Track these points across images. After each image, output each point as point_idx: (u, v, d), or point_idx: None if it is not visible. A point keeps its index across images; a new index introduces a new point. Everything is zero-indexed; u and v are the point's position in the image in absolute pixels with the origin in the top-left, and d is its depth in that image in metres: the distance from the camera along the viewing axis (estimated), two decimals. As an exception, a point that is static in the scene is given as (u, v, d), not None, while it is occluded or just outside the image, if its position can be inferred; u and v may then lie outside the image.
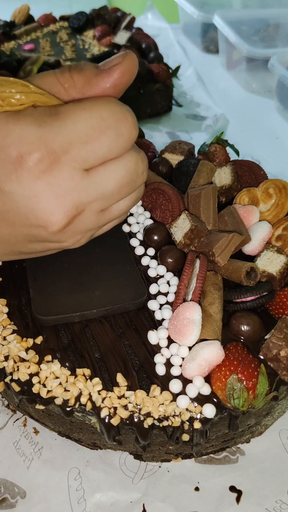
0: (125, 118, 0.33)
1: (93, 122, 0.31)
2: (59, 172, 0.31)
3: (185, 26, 1.30)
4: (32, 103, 0.32)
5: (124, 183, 0.34)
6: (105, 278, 0.46)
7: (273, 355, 0.40)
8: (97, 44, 1.04)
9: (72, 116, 0.31)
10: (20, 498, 0.41)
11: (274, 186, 0.51)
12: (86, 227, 0.35)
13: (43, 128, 0.30)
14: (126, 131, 0.33)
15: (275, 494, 0.42)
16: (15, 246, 0.35)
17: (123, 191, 0.35)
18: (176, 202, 0.51)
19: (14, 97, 0.31)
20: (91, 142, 0.31)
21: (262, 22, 1.11)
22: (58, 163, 0.31)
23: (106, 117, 0.32)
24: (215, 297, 0.43)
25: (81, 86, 0.33)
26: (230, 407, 0.38)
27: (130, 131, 0.33)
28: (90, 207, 0.34)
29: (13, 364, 0.41)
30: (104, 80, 0.33)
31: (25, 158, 0.30)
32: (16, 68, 0.86)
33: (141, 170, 0.35)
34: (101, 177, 0.33)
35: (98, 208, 0.34)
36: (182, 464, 0.44)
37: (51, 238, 0.34)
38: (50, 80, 0.34)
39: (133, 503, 0.41)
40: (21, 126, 0.30)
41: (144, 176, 0.36)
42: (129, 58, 0.34)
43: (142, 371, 0.40)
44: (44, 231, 0.33)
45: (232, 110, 0.97)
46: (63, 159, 0.31)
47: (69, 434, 0.44)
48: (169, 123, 0.94)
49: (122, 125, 0.32)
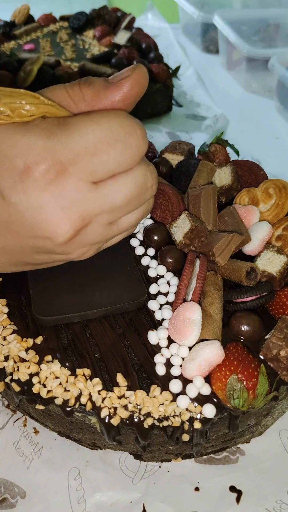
0: (134, 131, 0.32)
1: (101, 134, 0.31)
2: (66, 184, 0.31)
3: (185, 26, 1.30)
4: (42, 114, 0.32)
5: (133, 196, 0.34)
6: (105, 278, 0.46)
7: (273, 355, 0.40)
8: (97, 44, 1.04)
9: (80, 128, 0.31)
10: (20, 498, 0.41)
11: (274, 186, 0.51)
12: (93, 239, 0.35)
13: (50, 140, 0.30)
14: (135, 144, 0.32)
15: (275, 494, 0.42)
16: (21, 257, 0.35)
17: (132, 204, 0.35)
18: (176, 202, 0.51)
19: (24, 108, 0.31)
20: (99, 154, 0.31)
21: (262, 22, 1.11)
22: (65, 174, 0.31)
23: (114, 130, 0.32)
24: (215, 297, 0.43)
25: (90, 99, 0.33)
26: (230, 407, 0.38)
27: (139, 144, 0.33)
28: (98, 220, 0.33)
29: (13, 364, 0.41)
30: (113, 94, 0.33)
31: (32, 169, 0.30)
32: (16, 68, 0.86)
33: (150, 184, 0.35)
34: (110, 190, 0.33)
35: (105, 221, 0.34)
36: (182, 464, 0.44)
37: (57, 249, 0.34)
38: (60, 93, 0.34)
39: (133, 503, 0.41)
40: (29, 137, 0.30)
41: (153, 190, 0.36)
42: (138, 71, 0.34)
43: (142, 371, 0.40)
44: (50, 242, 0.33)
45: (232, 110, 0.97)
46: (70, 171, 0.31)
47: (69, 434, 0.44)
48: (169, 123, 0.94)
49: (131, 138, 0.32)
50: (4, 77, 0.84)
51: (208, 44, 1.22)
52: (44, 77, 0.86)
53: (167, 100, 0.96)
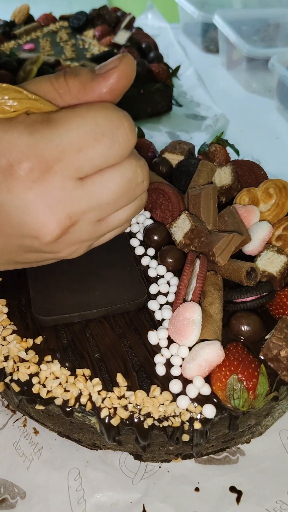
0: (121, 124, 0.31)
1: (87, 129, 0.30)
2: (51, 182, 0.30)
3: (185, 26, 1.30)
4: (26, 109, 0.31)
5: (122, 192, 0.33)
6: (105, 278, 0.46)
7: (273, 355, 0.40)
8: (97, 44, 1.04)
9: (65, 123, 0.30)
10: (20, 498, 0.41)
11: (274, 186, 0.51)
12: (81, 237, 0.34)
13: (34, 136, 0.29)
14: (122, 138, 0.31)
15: (275, 495, 0.42)
16: (11, 256, 0.35)
17: (121, 201, 0.34)
18: (176, 202, 0.51)
19: (6, 104, 0.30)
20: (85, 150, 0.30)
21: (262, 22, 1.11)
22: (49, 172, 0.30)
23: (100, 124, 0.31)
24: (215, 297, 0.43)
25: (77, 91, 0.32)
26: (230, 407, 0.38)
27: (127, 138, 0.32)
28: (85, 218, 0.33)
29: (13, 364, 0.41)
30: (99, 85, 0.32)
31: (15, 167, 0.29)
32: (16, 68, 0.86)
33: (140, 179, 0.34)
34: (97, 186, 0.32)
35: (94, 218, 0.33)
36: (182, 464, 0.44)
37: (45, 248, 0.33)
38: (45, 86, 0.33)
39: (133, 504, 0.41)
40: (12, 134, 0.29)
41: (144, 185, 0.35)
42: (125, 61, 0.32)
43: (142, 371, 0.40)
44: (37, 241, 0.32)
45: (232, 110, 0.97)
46: (55, 168, 0.30)
47: (69, 435, 0.44)
48: (169, 123, 0.94)
49: (118, 131, 0.31)
50: (4, 77, 0.84)
51: (208, 44, 1.22)
52: (44, 77, 0.86)
53: (167, 100, 0.96)
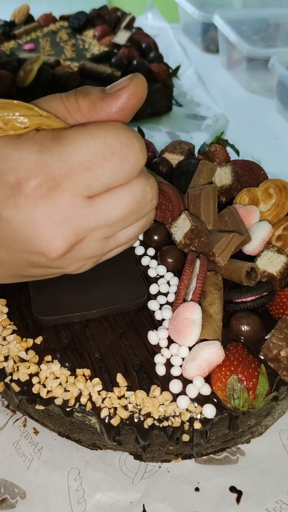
0: (131, 144, 0.31)
1: (96, 148, 0.30)
2: (58, 199, 0.30)
3: (185, 26, 1.30)
4: (36, 126, 0.31)
5: (130, 211, 0.33)
6: (105, 278, 0.46)
7: (273, 355, 0.40)
8: (97, 44, 1.04)
9: (74, 141, 0.30)
10: (20, 498, 0.41)
11: (274, 186, 0.51)
12: (88, 254, 0.34)
13: (43, 154, 0.29)
14: (132, 157, 0.31)
15: (275, 495, 0.42)
16: (17, 270, 0.35)
17: (129, 219, 0.34)
18: (176, 202, 0.51)
19: (17, 120, 0.30)
20: (94, 169, 0.30)
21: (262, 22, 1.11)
22: (58, 189, 0.30)
23: (110, 143, 0.31)
24: (215, 297, 0.43)
25: (87, 110, 0.32)
26: (230, 407, 0.38)
27: (136, 157, 0.32)
28: (93, 235, 0.33)
29: (13, 364, 0.41)
30: (109, 105, 0.32)
31: (23, 184, 0.29)
32: (16, 67, 0.86)
33: (150, 197, 0.34)
34: (105, 205, 0.32)
35: (101, 235, 0.33)
36: (182, 464, 0.44)
37: (51, 264, 0.33)
38: (56, 104, 0.33)
39: (133, 504, 0.41)
40: (21, 151, 0.29)
41: (153, 203, 0.35)
42: (136, 81, 0.32)
43: (142, 371, 0.40)
44: (43, 258, 0.32)
45: (232, 110, 0.97)
46: (63, 186, 0.30)
47: (69, 435, 0.44)
48: (169, 123, 0.94)
49: (128, 151, 0.31)
50: (4, 77, 0.84)
51: (208, 44, 1.22)
52: (44, 76, 0.86)
53: (167, 100, 0.96)
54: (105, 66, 0.91)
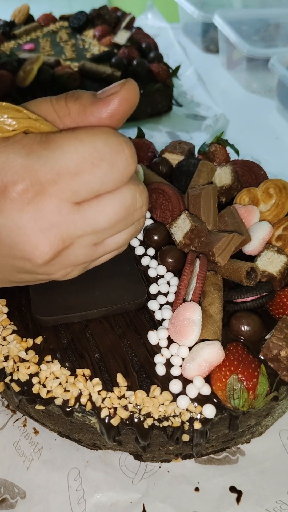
0: (121, 150, 0.31)
1: (85, 153, 0.30)
2: (45, 204, 0.29)
3: (185, 25, 1.30)
4: (24, 129, 0.30)
5: (119, 218, 0.33)
6: (105, 278, 0.46)
7: (273, 355, 0.40)
8: (97, 44, 1.04)
9: (63, 146, 0.30)
10: (20, 498, 0.41)
11: (274, 186, 0.51)
12: (76, 260, 0.33)
13: (30, 158, 0.29)
14: (122, 163, 0.31)
15: (275, 495, 0.42)
16: (4, 275, 0.35)
17: (118, 226, 0.33)
18: (176, 202, 0.51)
19: (5, 123, 0.30)
20: (82, 174, 0.30)
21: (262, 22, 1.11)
22: (44, 195, 0.29)
23: (100, 148, 0.30)
24: (215, 297, 0.43)
25: (76, 115, 0.32)
26: (230, 407, 0.38)
27: (126, 163, 0.31)
28: (80, 241, 0.32)
29: (13, 364, 0.41)
30: (100, 110, 0.31)
31: (9, 188, 0.29)
32: (16, 68, 0.86)
33: (139, 204, 0.33)
34: (93, 211, 0.31)
35: (89, 242, 0.33)
36: (182, 464, 0.44)
37: (37, 270, 0.33)
38: (46, 107, 0.32)
39: (133, 504, 0.41)
40: (8, 154, 0.29)
41: (143, 211, 0.34)
42: (127, 87, 0.31)
43: (142, 371, 0.40)
44: (29, 263, 0.32)
45: (232, 110, 0.97)
46: (50, 191, 0.29)
47: (69, 435, 0.44)
48: (169, 123, 0.94)
49: (117, 157, 0.30)
50: (4, 77, 0.84)
51: (208, 43, 1.22)
52: (44, 77, 0.86)
53: (167, 100, 0.96)
54: (105, 66, 0.91)
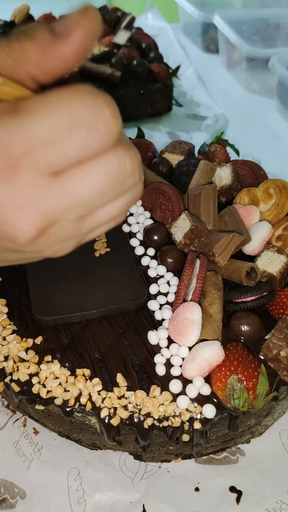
0: (101, 110, 0.27)
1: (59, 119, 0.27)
2: (20, 180, 0.27)
3: (185, 25, 1.30)
4: None
5: (106, 187, 0.30)
6: (105, 278, 0.46)
7: (273, 355, 0.40)
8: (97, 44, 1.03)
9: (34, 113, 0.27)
10: (20, 498, 0.41)
11: (274, 186, 0.51)
12: (65, 235, 0.31)
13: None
14: (102, 126, 0.27)
15: (275, 494, 0.42)
16: None
17: (106, 195, 0.30)
18: (176, 202, 0.51)
19: None
20: (58, 143, 0.27)
21: (262, 22, 1.10)
22: (17, 169, 0.27)
23: (76, 112, 0.27)
24: (215, 297, 0.43)
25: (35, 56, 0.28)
26: (230, 407, 0.38)
27: (107, 125, 0.28)
28: (66, 216, 0.29)
29: (13, 364, 0.40)
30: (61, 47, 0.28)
31: None
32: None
33: (130, 170, 0.30)
34: (75, 181, 0.28)
35: (76, 215, 0.30)
36: (182, 464, 0.44)
37: (24, 249, 0.30)
38: None
39: (133, 504, 0.41)
40: None
41: (136, 177, 0.31)
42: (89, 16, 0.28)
43: (142, 371, 0.40)
44: (13, 243, 0.29)
45: (232, 110, 0.97)
46: (24, 164, 0.27)
47: (69, 435, 0.44)
48: (169, 123, 0.94)
49: (97, 119, 0.27)
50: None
51: (208, 43, 1.22)
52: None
53: (167, 100, 0.96)
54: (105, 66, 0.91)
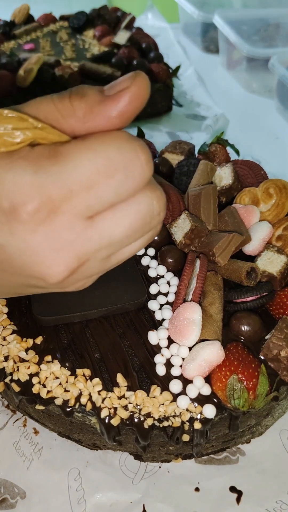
0: (136, 157, 0.28)
1: (98, 164, 0.27)
2: (58, 223, 0.28)
3: (185, 26, 1.30)
4: (31, 140, 0.28)
5: (136, 227, 0.30)
6: (105, 278, 0.45)
7: (273, 355, 0.40)
8: (97, 44, 1.03)
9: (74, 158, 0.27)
10: (20, 498, 0.41)
11: (275, 186, 0.51)
12: (90, 273, 0.32)
13: (39, 175, 0.27)
14: (137, 171, 0.28)
15: (275, 495, 0.42)
16: (15, 290, 0.33)
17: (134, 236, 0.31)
18: (176, 202, 0.51)
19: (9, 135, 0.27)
20: (96, 187, 0.28)
21: (262, 22, 1.10)
22: (56, 213, 0.27)
23: (113, 158, 0.28)
24: (215, 297, 0.43)
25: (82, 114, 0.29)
26: (231, 407, 0.38)
27: (142, 171, 0.29)
28: (95, 256, 0.30)
29: (13, 364, 0.40)
30: (109, 109, 0.29)
31: (19, 209, 0.27)
32: (16, 68, 0.86)
33: (156, 211, 0.31)
34: (108, 224, 0.29)
35: (104, 255, 0.31)
36: (182, 464, 0.44)
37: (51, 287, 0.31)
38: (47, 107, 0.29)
39: (133, 504, 0.41)
40: (14, 172, 0.27)
41: (161, 217, 0.32)
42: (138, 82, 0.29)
43: (142, 371, 0.40)
44: (43, 282, 0.30)
45: (232, 110, 0.97)
46: (62, 208, 0.27)
47: (69, 435, 0.44)
48: (169, 123, 0.94)
49: (132, 165, 0.28)
50: (4, 77, 0.84)
51: (208, 44, 1.22)
52: (44, 76, 0.86)
53: (167, 100, 0.96)
54: (105, 66, 0.91)
